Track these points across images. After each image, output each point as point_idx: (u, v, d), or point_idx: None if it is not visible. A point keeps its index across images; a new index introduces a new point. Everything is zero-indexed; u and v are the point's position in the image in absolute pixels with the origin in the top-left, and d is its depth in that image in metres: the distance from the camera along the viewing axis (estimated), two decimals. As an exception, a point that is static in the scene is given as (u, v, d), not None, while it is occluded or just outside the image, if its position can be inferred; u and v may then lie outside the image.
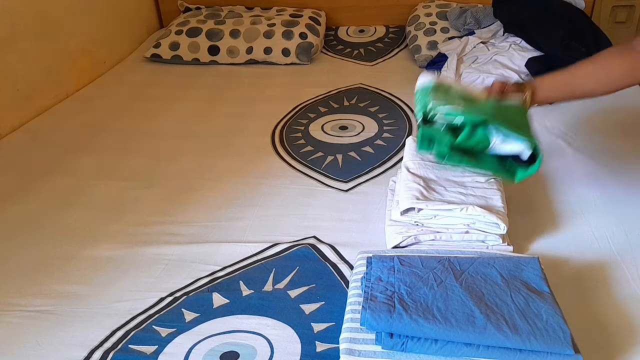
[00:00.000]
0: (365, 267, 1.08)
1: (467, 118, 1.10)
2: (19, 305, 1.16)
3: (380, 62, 2.44)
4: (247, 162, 1.67)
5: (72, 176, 1.63)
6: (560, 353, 0.87)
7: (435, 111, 1.12)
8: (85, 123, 1.96)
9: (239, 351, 1.02)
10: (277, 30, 2.46)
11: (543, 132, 1.74)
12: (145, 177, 1.61)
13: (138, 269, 1.25)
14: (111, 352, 1.03)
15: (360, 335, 0.95)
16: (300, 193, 1.50)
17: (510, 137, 1.12)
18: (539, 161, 1.12)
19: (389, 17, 2.82)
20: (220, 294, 1.16)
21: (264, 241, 1.31)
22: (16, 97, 1.95)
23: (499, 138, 1.13)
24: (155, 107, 2.07)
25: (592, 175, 1.50)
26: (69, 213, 1.46)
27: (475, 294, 0.97)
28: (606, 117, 1.81)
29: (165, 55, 2.47)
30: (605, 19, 2.90)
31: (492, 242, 1.20)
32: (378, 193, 1.47)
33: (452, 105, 1.10)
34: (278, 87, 2.23)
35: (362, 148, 1.72)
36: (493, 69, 2.00)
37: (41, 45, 2.07)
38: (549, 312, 0.93)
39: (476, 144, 1.15)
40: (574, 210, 1.36)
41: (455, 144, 1.13)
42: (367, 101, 2.04)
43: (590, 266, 1.18)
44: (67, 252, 1.31)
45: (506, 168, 1.17)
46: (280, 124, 1.90)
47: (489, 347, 0.89)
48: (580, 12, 2.10)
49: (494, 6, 2.30)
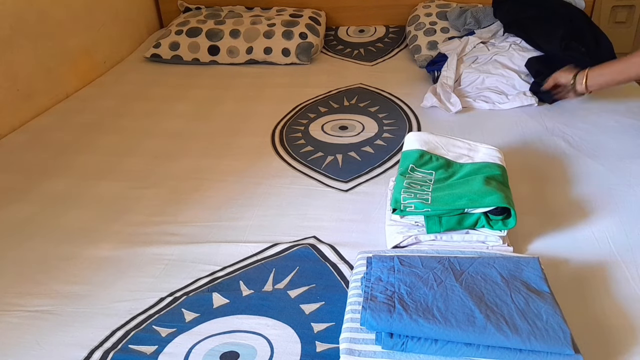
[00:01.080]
0: (365, 267, 1.08)
1: (435, 212, 1.20)
2: (19, 305, 1.16)
3: (380, 62, 2.44)
4: (247, 162, 1.67)
5: (72, 176, 1.63)
6: (560, 353, 0.87)
7: (407, 204, 1.22)
8: (85, 123, 1.96)
9: (239, 351, 1.02)
10: (277, 30, 2.46)
11: (543, 132, 1.74)
12: (145, 177, 1.61)
13: (138, 269, 1.25)
14: (111, 352, 1.03)
15: (360, 335, 0.95)
16: (300, 193, 1.50)
17: (480, 207, 1.20)
18: (514, 217, 1.19)
19: (389, 17, 2.82)
20: (220, 294, 1.16)
21: (264, 241, 1.31)
22: (16, 97, 1.95)
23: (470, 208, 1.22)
24: (155, 107, 2.07)
25: (592, 175, 1.50)
26: (69, 213, 1.46)
27: (475, 294, 0.97)
28: (606, 116, 1.81)
29: (165, 55, 2.47)
30: (605, 19, 2.90)
31: (492, 242, 1.20)
32: (378, 193, 1.47)
33: (421, 201, 1.22)
34: (278, 87, 2.23)
35: (362, 148, 1.72)
36: (493, 69, 2.00)
37: (41, 45, 2.07)
38: (549, 312, 0.93)
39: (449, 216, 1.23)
40: (574, 210, 1.36)
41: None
42: (367, 101, 2.04)
43: (590, 266, 1.18)
44: (67, 252, 1.31)
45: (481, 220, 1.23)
46: (280, 124, 1.90)
47: (489, 347, 0.89)
48: (580, 12, 2.09)
49: (494, 6, 2.29)
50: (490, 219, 1.20)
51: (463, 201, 1.20)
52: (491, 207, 1.18)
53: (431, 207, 1.20)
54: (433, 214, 1.21)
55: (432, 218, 1.21)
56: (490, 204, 1.18)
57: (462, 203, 1.19)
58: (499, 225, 1.19)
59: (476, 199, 1.20)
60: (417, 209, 1.21)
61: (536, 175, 1.50)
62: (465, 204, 1.19)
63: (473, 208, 1.20)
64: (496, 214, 1.19)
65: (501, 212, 1.20)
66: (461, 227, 1.21)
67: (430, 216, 1.21)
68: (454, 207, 1.19)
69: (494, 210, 1.19)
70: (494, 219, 1.20)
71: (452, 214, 1.20)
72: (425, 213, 1.21)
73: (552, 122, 1.79)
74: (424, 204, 1.21)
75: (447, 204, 1.20)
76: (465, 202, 1.19)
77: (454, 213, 1.20)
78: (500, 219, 1.19)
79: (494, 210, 1.19)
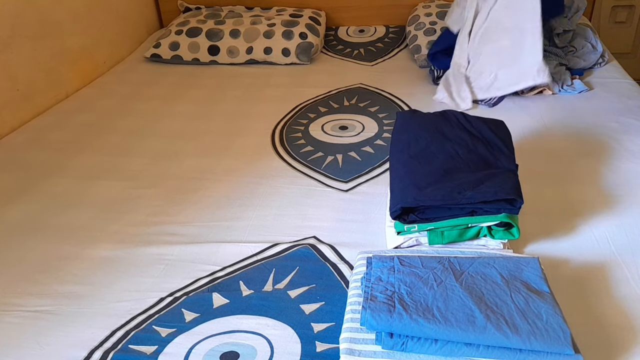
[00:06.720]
0: (365, 267, 1.08)
1: (437, 226, 1.20)
2: (19, 305, 1.16)
3: (380, 62, 2.44)
4: (247, 162, 1.67)
5: (72, 176, 1.63)
6: (560, 353, 0.87)
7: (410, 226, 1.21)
8: (85, 123, 1.96)
9: (239, 351, 1.02)
10: (277, 30, 2.46)
11: (543, 132, 1.74)
12: (145, 177, 1.61)
13: (138, 269, 1.25)
14: (111, 352, 1.03)
15: (360, 335, 0.95)
16: (300, 193, 1.50)
17: (484, 222, 1.19)
18: (516, 230, 1.18)
19: (389, 17, 2.82)
20: (220, 294, 1.16)
21: (264, 241, 1.31)
22: (16, 97, 1.95)
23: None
24: (155, 107, 2.07)
25: (592, 175, 1.50)
26: (69, 213, 1.46)
27: (475, 294, 0.97)
28: (606, 116, 1.81)
29: (165, 55, 2.47)
30: (605, 19, 2.90)
31: (493, 245, 1.20)
32: (378, 193, 1.47)
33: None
34: (278, 87, 2.23)
35: (362, 148, 1.72)
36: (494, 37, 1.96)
37: (41, 45, 2.07)
38: (549, 312, 0.93)
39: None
40: (574, 210, 1.36)
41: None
42: (367, 101, 2.04)
43: (590, 266, 1.18)
44: (67, 252, 1.31)
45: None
46: (280, 124, 1.90)
47: (489, 347, 0.89)
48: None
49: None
50: (492, 228, 1.19)
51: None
52: (495, 222, 1.17)
53: (434, 224, 1.19)
54: (435, 228, 1.20)
55: (435, 231, 1.20)
56: (493, 219, 1.17)
57: (465, 219, 1.18)
58: (500, 235, 1.18)
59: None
60: (420, 229, 1.19)
61: (536, 175, 1.50)
62: (469, 220, 1.18)
63: (477, 223, 1.18)
64: (498, 225, 1.19)
65: (504, 224, 1.18)
66: (462, 239, 1.20)
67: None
68: (457, 223, 1.18)
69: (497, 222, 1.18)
70: (495, 229, 1.19)
71: (455, 229, 1.19)
72: (428, 226, 1.20)
73: (552, 122, 1.79)
74: (427, 223, 1.19)
75: (451, 221, 1.19)
76: (469, 217, 1.18)
77: (457, 228, 1.19)
78: (502, 230, 1.18)
79: (497, 223, 1.18)
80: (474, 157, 1.29)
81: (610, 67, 2.18)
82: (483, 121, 1.40)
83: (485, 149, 1.31)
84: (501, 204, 1.15)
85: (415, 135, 1.37)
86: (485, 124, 1.39)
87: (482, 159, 1.29)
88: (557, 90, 1.99)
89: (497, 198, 1.14)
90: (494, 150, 1.32)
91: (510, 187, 1.16)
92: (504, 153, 1.31)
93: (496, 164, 1.28)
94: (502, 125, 1.41)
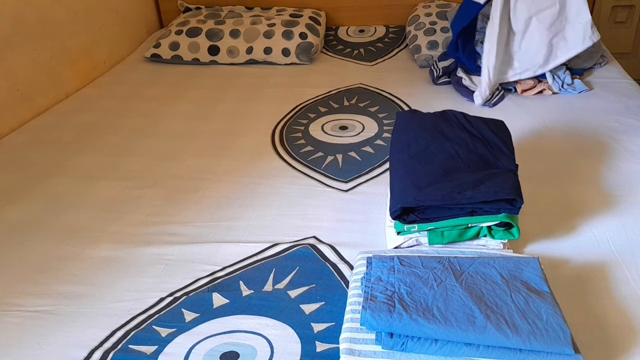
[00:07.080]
0: (365, 267, 1.08)
1: (437, 226, 1.20)
2: (19, 305, 1.16)
3: (380, 62, 2.44)
4: (247, 162, 1.67)
5: (72, 176, 1.63)
6: (560, 353, 0.87)
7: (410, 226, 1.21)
8: (85, 123, 1.96)
9: (239, 351, 1.02)
10: (277, 30, 2.46)
11: (543, 132, 1.74)
12: (145, 177, 1.61)
13: (138, 269, 1.25)
14: (111, 352, 1.03)
15: (360, 335, 0.95)
16: (300, 193, 1.50)
17: (484, 222, 1.19)
18: (517, 230, 1.18)
19: (389, 17, 2.82)
20: (220, 294, 1.16)
21: (264, 241, 1.31)
22: (16, 97, 1.95)
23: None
24: (155, 107, 2.07)
25: (592, 175, 1.50)
26: (69, 213, 1.46)
27: (475, 294, 0.97)
28: (606, 116, 1.81)
29: (165, 55, 2.47)
30: (605, 19, 2.90)
31: (493, 245, 1.20)
32: (378, 193, 1.47)
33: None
34: (278, 87, 2.23)
35: (362, 148, 1.72)
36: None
37: (41, 45, 2.07)
38: (549, 312, 0.93)
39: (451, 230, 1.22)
40: (574, 210, 1.36)
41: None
42: (367, 101, 2.04)
43: (590, 266, 1.18)
44: (67, 252, 1.31)
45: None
46: (280, 124, 1.90)
47: (489, 347, 0.89)
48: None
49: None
50: (492, 228, 1.19)
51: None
52: (495, 222, 1.17)
53: (434, 224, 1.19)
54: (435, 228, 1.20)
55: (435, 231, 1.20)
56: (493, 219, 1.17)
57: (465, 219, 1.18)
58: (500, 235, 1.19)
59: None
60: (420, 229, 1.20)
61: (536, 175, 1.50)
62: (469, 220, 1.18)
63: (477, 223, 1.18)
64: (498, 225, 1.19)
65: (504, 224, 1.19)
66: (462, 239, 1.20)
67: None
68: (457, 222, 1.18)
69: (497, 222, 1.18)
70: (495, 229, 1.19)
71: (455, 229, 1.20)
72: (428, 226, 1.20)
73: (552, 122, 1.79)
74: (427, 223, 1.20)
75: (451, 221, 1.19)
76: (469, 217, 1.18)
77: (457, 228, 1.19)
78: (502, 230, 1.19)
79: (497, 223, 1.19)
80: (474, 157, 1.29)
81: (610, 67, 2.18)
82: (483, 121, 1.40)
83: (485, 149, 1.31)
84: (501, 204, 1.15)
85: (415, 135, 1.37)
86: (485, 123, 1.39)
87: (482, 159, 1.29)
88: (557, 90, 1.99)
89: (497, 198, 1.14)
90: (494, 150, 1.32)
91: (510, 187, 1.17)
92: (504, 153, 1.31)
93: (496, 164, 1.28)
94: (502, 125, 1.41)
